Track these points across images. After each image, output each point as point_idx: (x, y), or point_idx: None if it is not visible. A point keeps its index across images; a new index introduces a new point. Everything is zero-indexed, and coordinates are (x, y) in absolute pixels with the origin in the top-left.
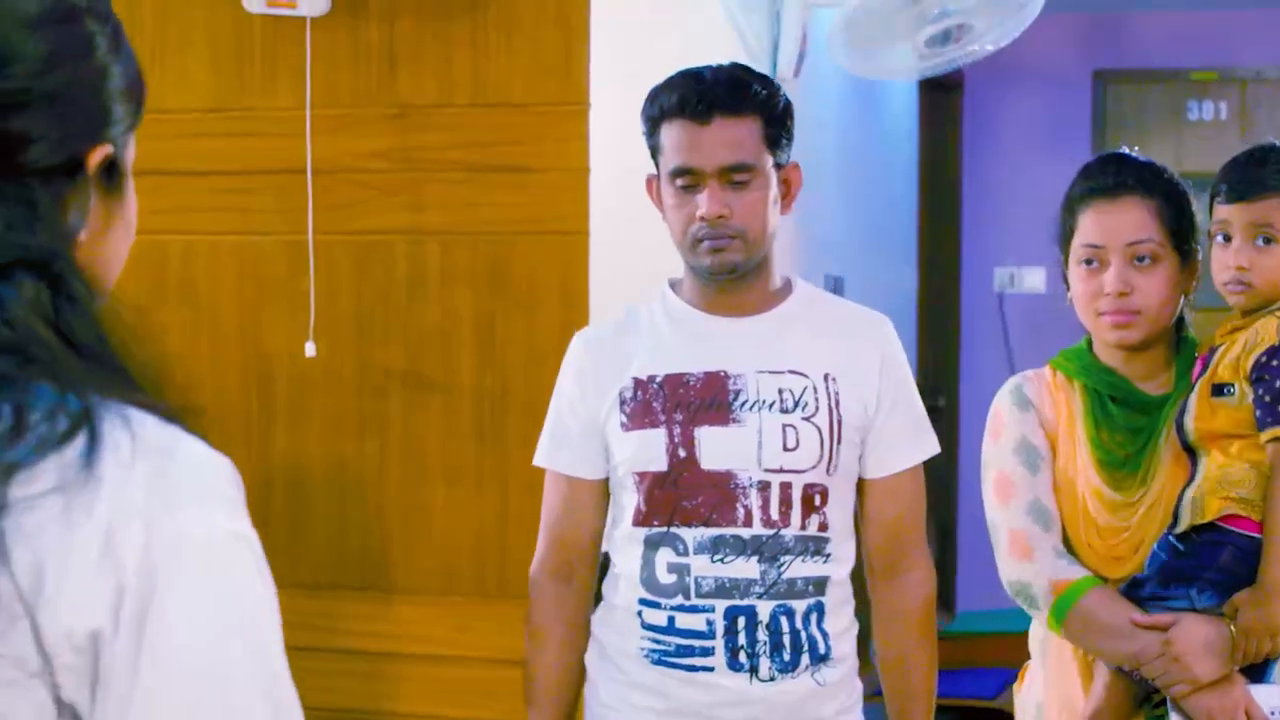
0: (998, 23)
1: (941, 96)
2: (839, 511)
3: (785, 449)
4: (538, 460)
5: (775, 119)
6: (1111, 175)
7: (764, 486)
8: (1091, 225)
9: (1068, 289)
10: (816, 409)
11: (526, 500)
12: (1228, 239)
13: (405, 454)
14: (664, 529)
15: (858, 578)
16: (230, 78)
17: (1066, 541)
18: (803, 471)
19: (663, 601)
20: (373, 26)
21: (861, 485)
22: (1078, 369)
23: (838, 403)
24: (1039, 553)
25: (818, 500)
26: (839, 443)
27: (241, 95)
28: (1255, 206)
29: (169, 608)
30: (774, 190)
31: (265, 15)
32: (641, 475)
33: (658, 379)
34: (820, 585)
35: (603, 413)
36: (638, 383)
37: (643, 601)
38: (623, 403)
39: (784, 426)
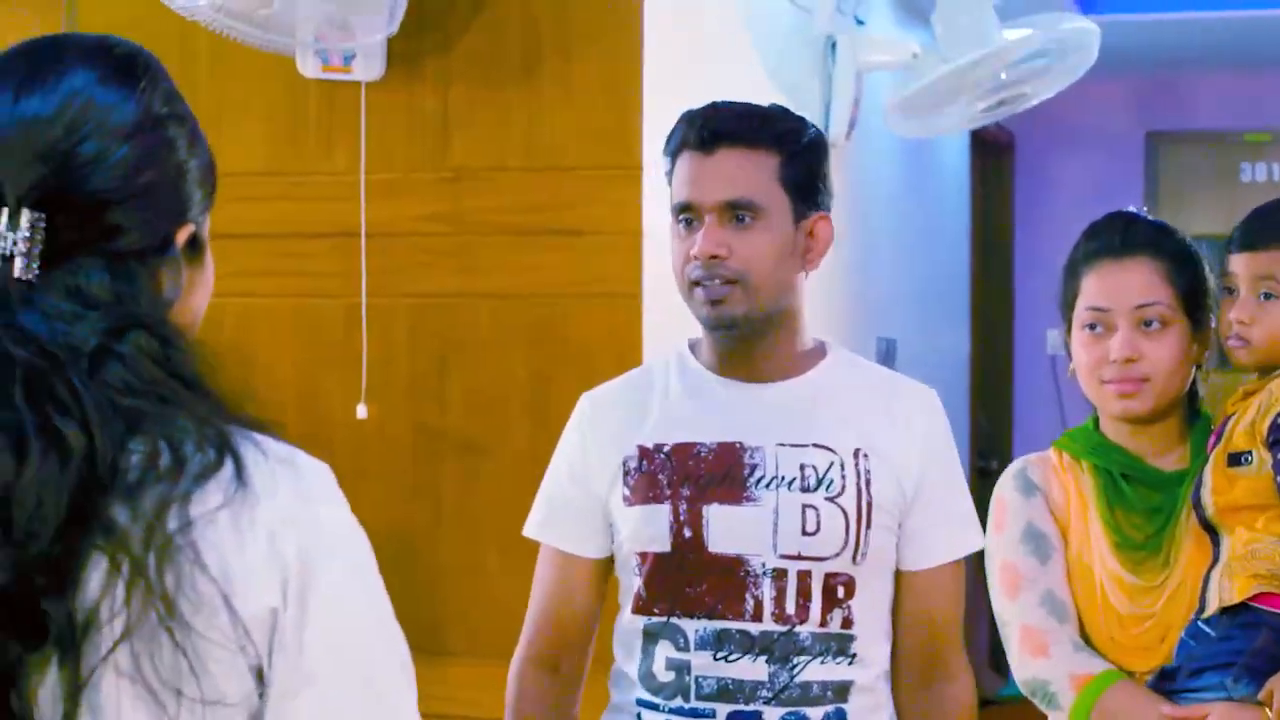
0: (1049, 85)
1: (993, 158)
2: (869, 607)
3: (804, 532)
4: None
5: (796, 157)
6: (1118, 235)
7: (779, 575)
8: (1096, 287)
9: (1070, 359)
10: (843, 489)
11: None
12: (1232, 291)
13: (459, 517)
14: (664, 619)
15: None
16: (286, 142)
17: (1084, 635)
18: (824, 559)
19: (661, 703)
20: (427, 91)
21: (897, 579)
22: (1085, 448)
23: (868, 482)
24: (1056, 647)
25: (841, 592)
26: (868, 527)
27: (297, 159)
28: (1260, 257)
29: (322, 582)
30: (788, 237)
31: (320, 80)
32: (643, 556)
33: (665, 448)
34: (842, 691)
35: (605, 483)
36: (643, 452)
37: (640, 702)
38: (626, 474)
39: (804, 507)
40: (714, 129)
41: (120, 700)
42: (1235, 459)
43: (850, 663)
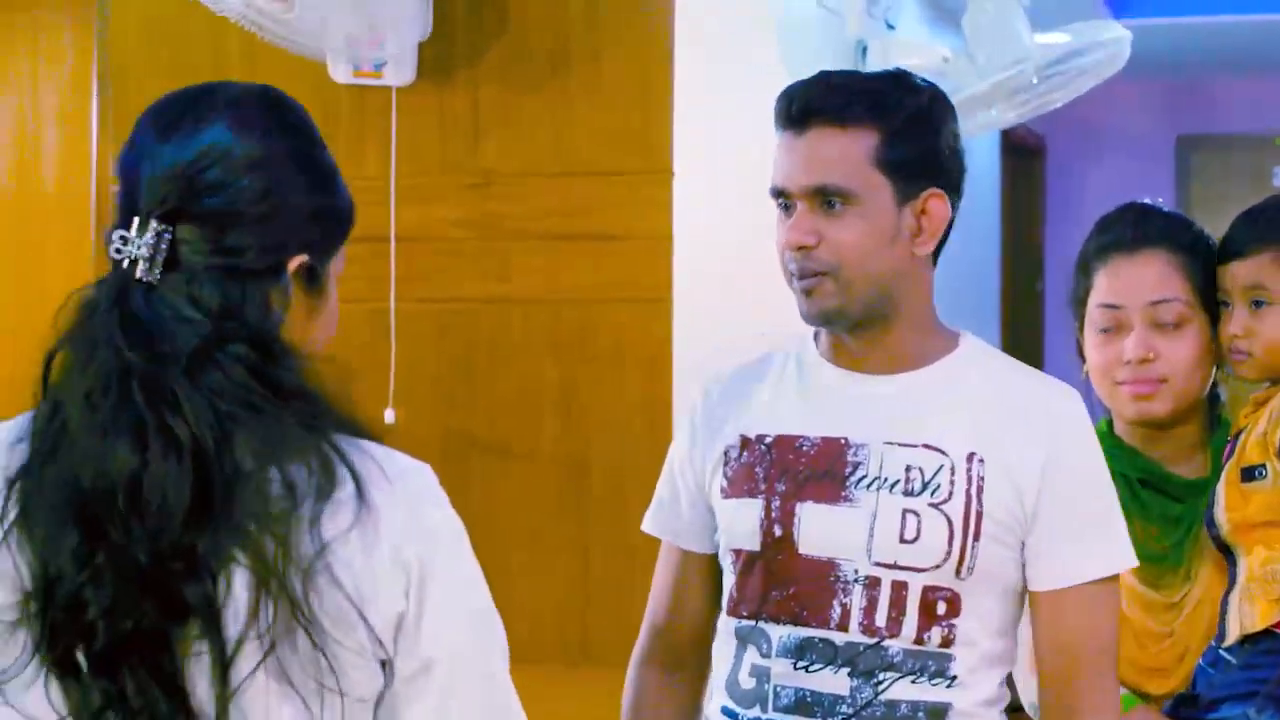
0: (1078, 88)
1: (1024, 161)
2: (978, 628)
3: (902, 540)
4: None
5: (899, 133)
6: (1131, 227)
7: (871, 583)
8: (1108, 284)
9: (1083, 361)
10: (950, 494)
11: (609, 567)
12: (1227, 304)
13: (487, 520)
14: (751, 623)
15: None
16: None
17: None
18: (922, 570)
19: (740, 711)
20: (458, 96)
21: (1031, 601)
22: (1104, 451)
23: (980, 490)
24: None
25: (942, 608)
26: (975, 539)
27: None
28: (1247, 264)
29: (438, 579)
30: (888, 222)
31: (351, 85)
32: (736, 554)
33: (768, 439)
34: (937, 715)
35: (709, 473)
36: (745, 441)
37: (724, 710)
38: (726, 463)
39: (904, 512)
40: (805, 105)
41: (268, 700)
42: (1249, 473)
43: (949, 685)
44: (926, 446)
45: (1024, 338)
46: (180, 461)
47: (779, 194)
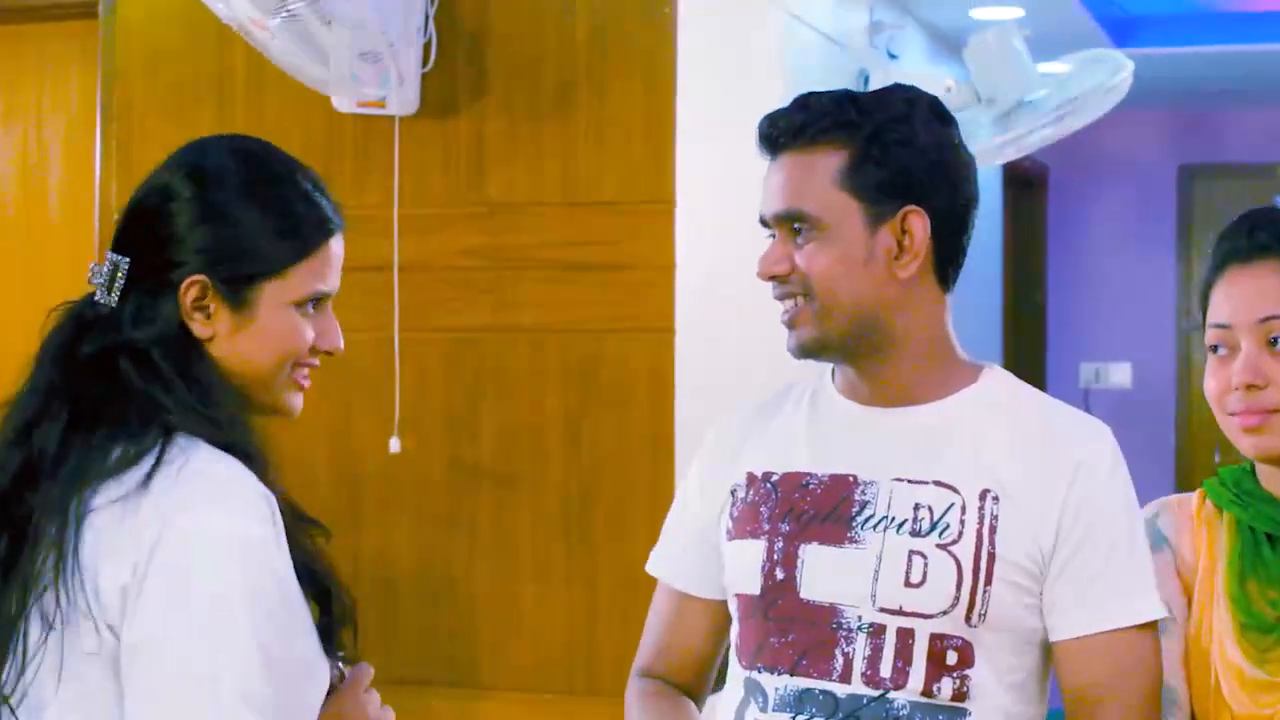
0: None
1: (1026, 190)
2: (995, 681)
3: (908, 583)
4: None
5: (868, 150)
6: (1244, 236)
7: (876, 631)
8: (1221, 300)
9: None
10: (960, 535)
11: (616, 597)
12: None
13: (494, 551)
14: (750, 672)
15: None
16: (320, 176)
17: None
18: (929, 616)
19: None
20: (462, 126)
21: (1052, 653)
22: (1231, 497)
23: (993, 530)
24: None
25: (952, 658)
26: (988, 584)
27: (331, 194)
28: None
29: (168, 569)
30: (858, 246)
31: (355, 114)
32: (739, 599)
33: (775, 477)
34: None
35: (715, 514)
36: (751, 479)
37: None
38: (733, 503)
39: (911, 554)
40: (773, 131)
41: (26, 622)
42: None
43: None
44: (938, 484)
45: (1027, 370)
46: (18, 434)
47: (762, 223)
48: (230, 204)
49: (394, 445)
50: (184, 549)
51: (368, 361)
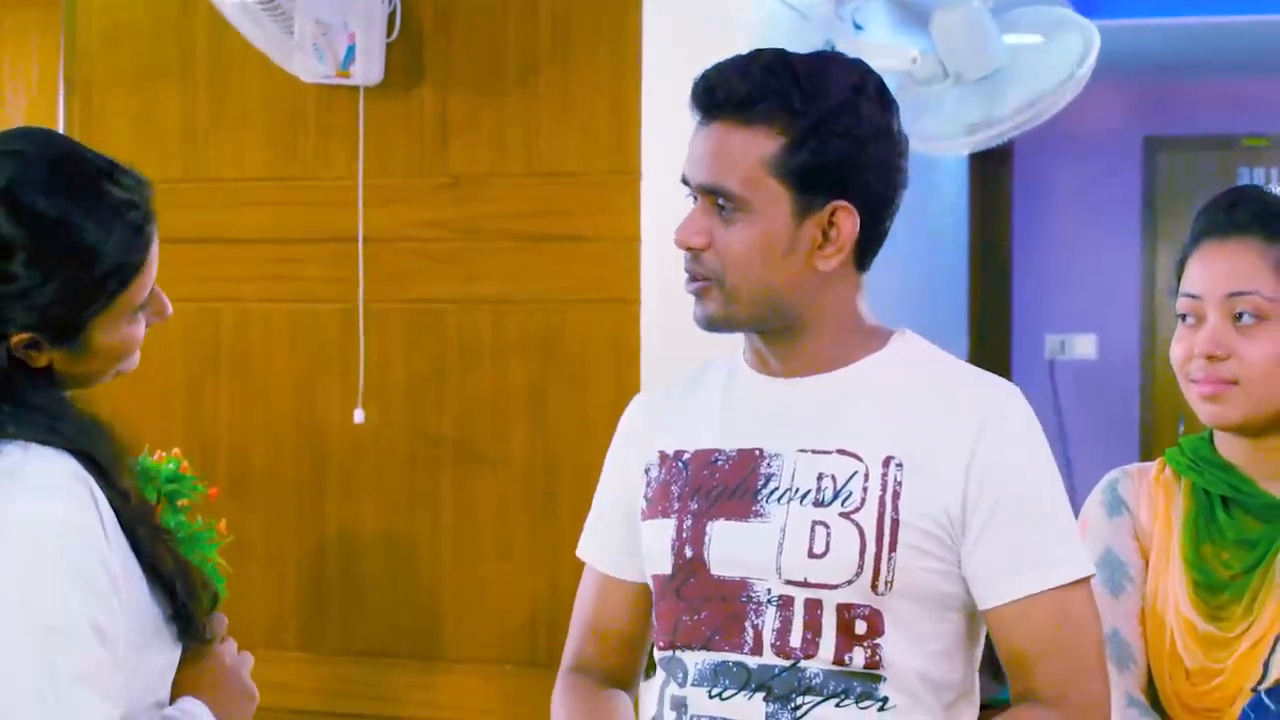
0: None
1: (992, 164)
2: (910, 649)
3: (811, 554)
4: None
5: (806, 139)
6: (1224, 212)
7: (785, 603)
8: (1192, 271)
9: None
10: (862, 503)
11: (577, 569)
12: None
13: (457, 523)
14: (670, 652)
15: None
16: (284, 147)
17: (1152, 687)
18: (834, 587)
19: None
20: (426, 97)
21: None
22: (1189, 463)
23: (896, 495)
24: None
25: (861, 628)
26: (892, 550)
27: (295, 165)
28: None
29: None
30: (781, 235)
31: (319, 85)
32: (655, 579)
33: (685, 455)
34: None
35: (631, 493)
36: (663, 459)
37: None
38: (647, 483)
39: (814, 524)
40: (711, 93)
41: None
42: None
43: (881, 708)
44: (841, 452)
45: (992, 341)
46: None
47: (684, 182)
48: (55, 255)
49: (358, 416)
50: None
51: (332, 333)
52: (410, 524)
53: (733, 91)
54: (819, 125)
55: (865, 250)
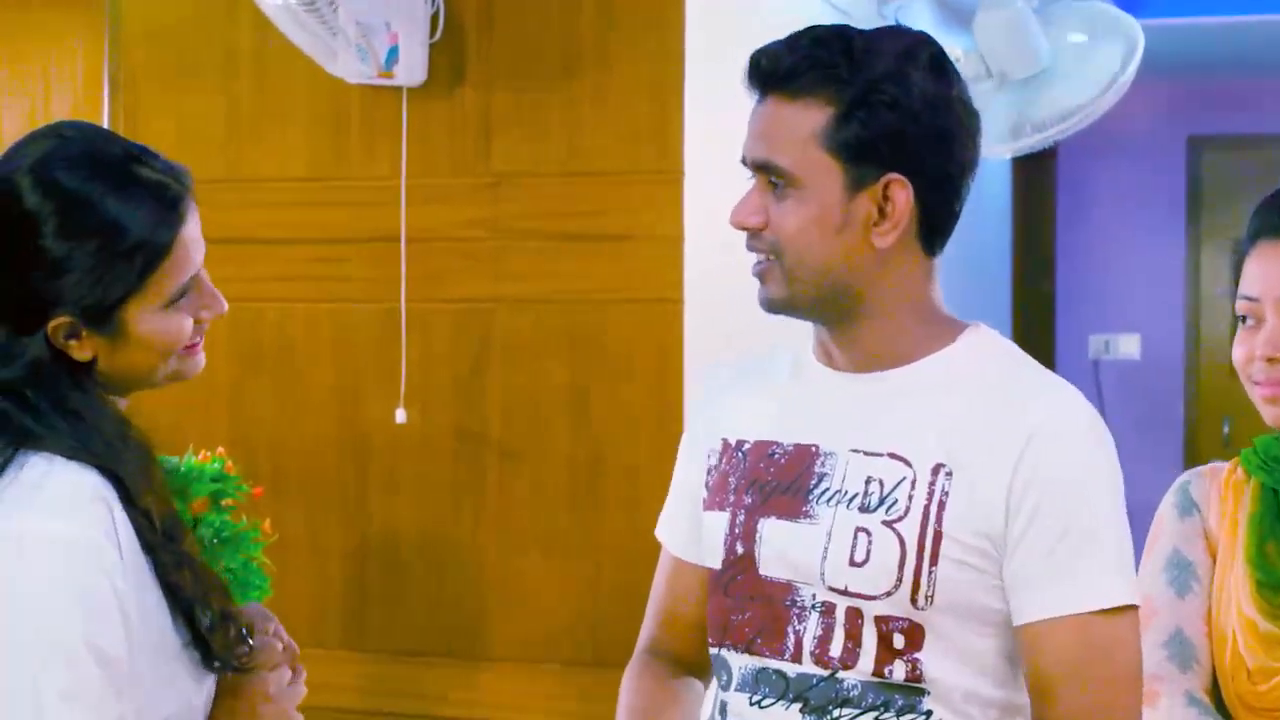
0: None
1: (1035, 164)
2: (953, 665)
3: (852, 562)
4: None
5: (854, 110)
6: (1277, 212)
7: (827, 610)
8: (1250, 273)
9: None
10: (906, 512)
11: (621, 568)
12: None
13: (499, 521)
14: (716, 650)
15: None
16: (327, 147)
17: (1216, 688)
18: (872, 598)
19: None
20: (468, 97)
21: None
22: (1259, 462)
23: (942, 506)
24: (1167, 699)
25: (899, 641)
26: (933, 563)
27: (338, 165)
28: None
29: None
30: (833, 210)
31: (362, 85)
32: (710, 572)
33: (746, 445)
34: None
35: (695, 480)
36: (725, 446)
37: None
38: (709, 471)
39: (857, 530)
40: (761, 71)
41: None
42: None
43: None
44: (892, 456)
45: (1036, 342)
46: None
47: (743, 163)
48: (81, 228)
49: (400, 416)
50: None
51: (374, 332)
52: (453, 523)
53: (780, 64)
54: (866, 94)
55: (931, 230)
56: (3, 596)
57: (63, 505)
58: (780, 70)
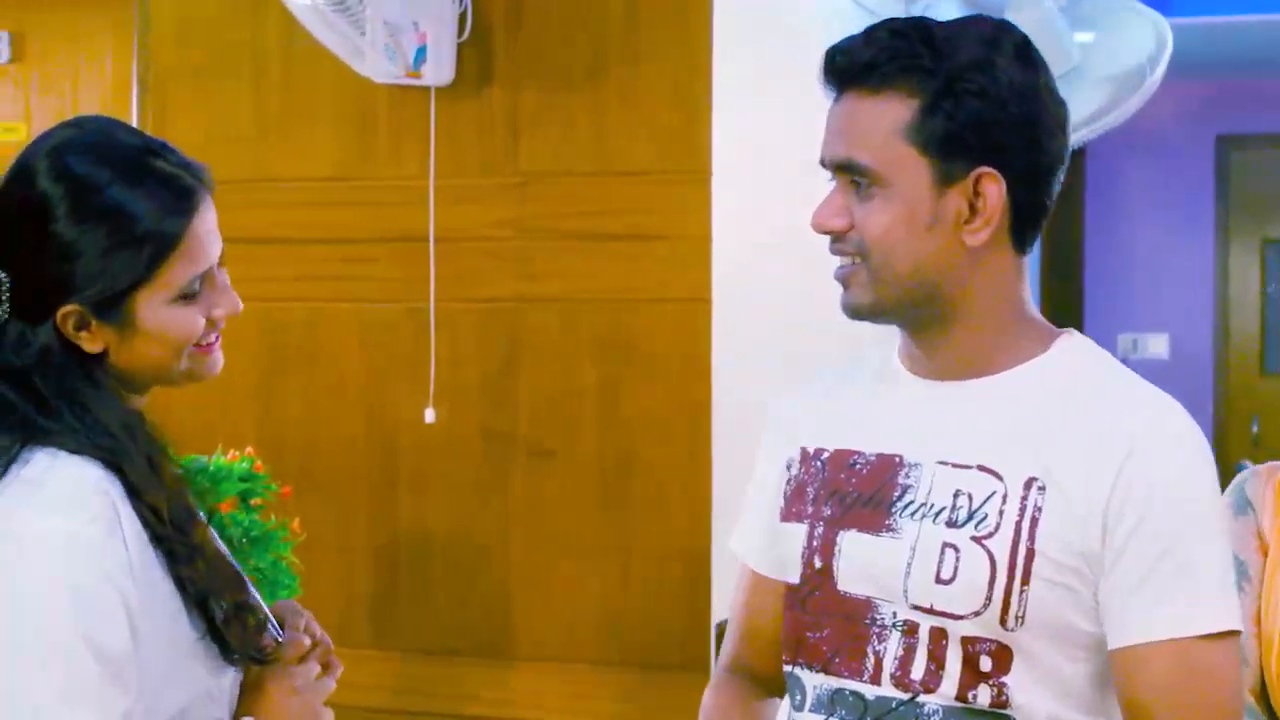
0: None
1: None
2: (1042, 691)
3: (939, 580)
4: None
5: (940, 101)
6: None
7: (909, 630)
8: None
9: None
10: (997, 528)
11: (649, 567)
12: None
13: (527, 520)
14: (790, 667)
15: None
16: (354, 147)
17: (1264, 691)
18: (960, 617)
19: None
20: (496, 97)
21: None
22: None
23: (1035, 523)
24: None
25: (986, 664)
26: (1025, 582)
27: (365, 165)
28: None
29: None
30: (923, 207)
31: (391, 85)
32: (786, 586)
33: (825, 454)
34: None
35: (772, 489)
36: (804, 455)
37: None
38: (787, 480)
39: (944, 546)
40: (837, 66)
41: None
42: None
43: None
44: (981, 468)
45: None
46: None
47: (822, 164)
48: (89, 222)
49: (429, 415)
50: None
51: (402, 332)
52: (481, 522)
53: (857, 58)
54: (952, 84)
55: (1022, 226)
56: (2, 595)
57: (63, 501)
58: (858, 64)
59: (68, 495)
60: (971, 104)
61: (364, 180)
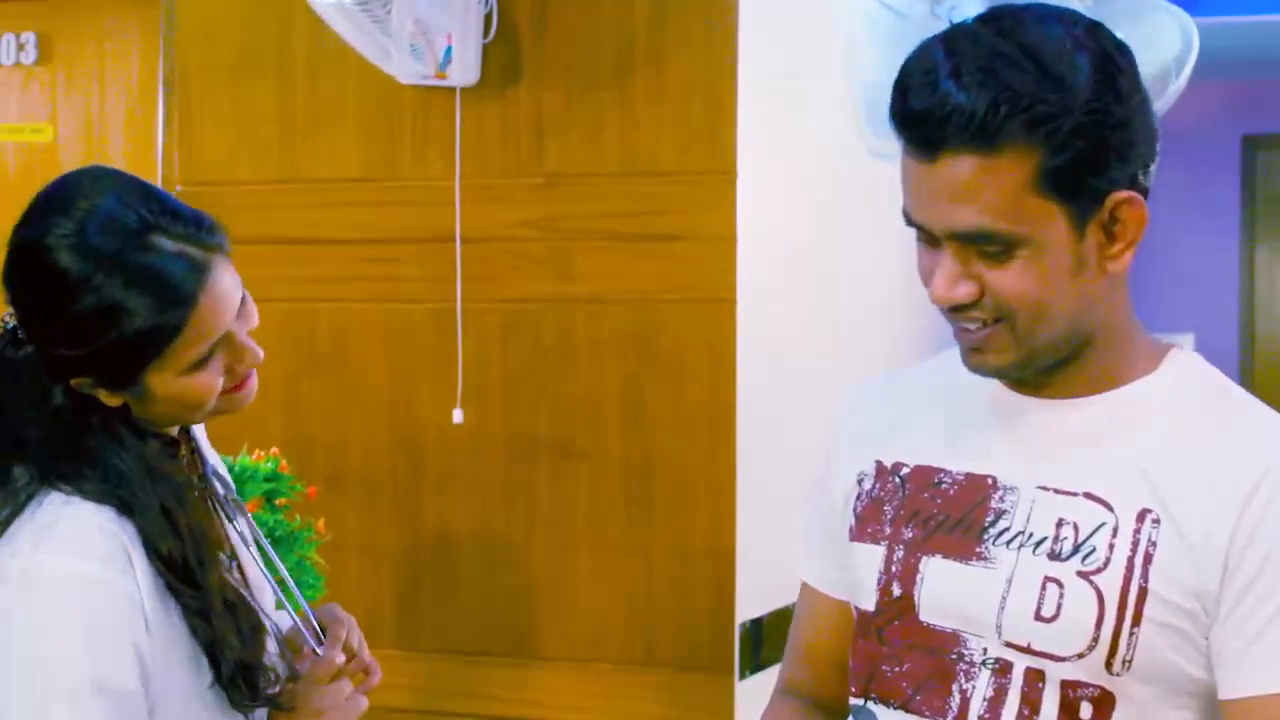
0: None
1: None
2: None
3: (1039, 617)
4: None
5: (1066, 141)
6: None
7: (1001, 669)
8: None
9: None
10: (1106, 563)
11: (674, 569)
12: None
13: (552, 521)
14: (861, 700)
15: None
16: (380, 148)
17: None
18: (1062, 659)
19: None
20: (522, 97)
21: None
22: None
23: (1148, 559)
24: None
25: (1086, 711)
26: (1135, 624)
27: (391, 165)
28: None
29: None
30: (1066, 253)
31: (415, 86)
32: (857, 612)
33: (904, 470)
34: None
35: (840, 504)
36: (879, 470)
37: None
38: (858, 495)
39: (1045, 580)
40: (929, 127)
41: None
42: None
43: None
44: (1089, 496)
45: None
46: None
47: (909, 222)
48: (85, 320)
49: (457, 416)
50: (5, 591)
51: (428, 332)
52: (506, 523)
53: (961, 118)
54: (1082, 124)
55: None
56: (8, 635)
57: (73, 543)
58: (967, 124)
59: (77, 537)
60: (1102, 135)
61: (390, 181)
